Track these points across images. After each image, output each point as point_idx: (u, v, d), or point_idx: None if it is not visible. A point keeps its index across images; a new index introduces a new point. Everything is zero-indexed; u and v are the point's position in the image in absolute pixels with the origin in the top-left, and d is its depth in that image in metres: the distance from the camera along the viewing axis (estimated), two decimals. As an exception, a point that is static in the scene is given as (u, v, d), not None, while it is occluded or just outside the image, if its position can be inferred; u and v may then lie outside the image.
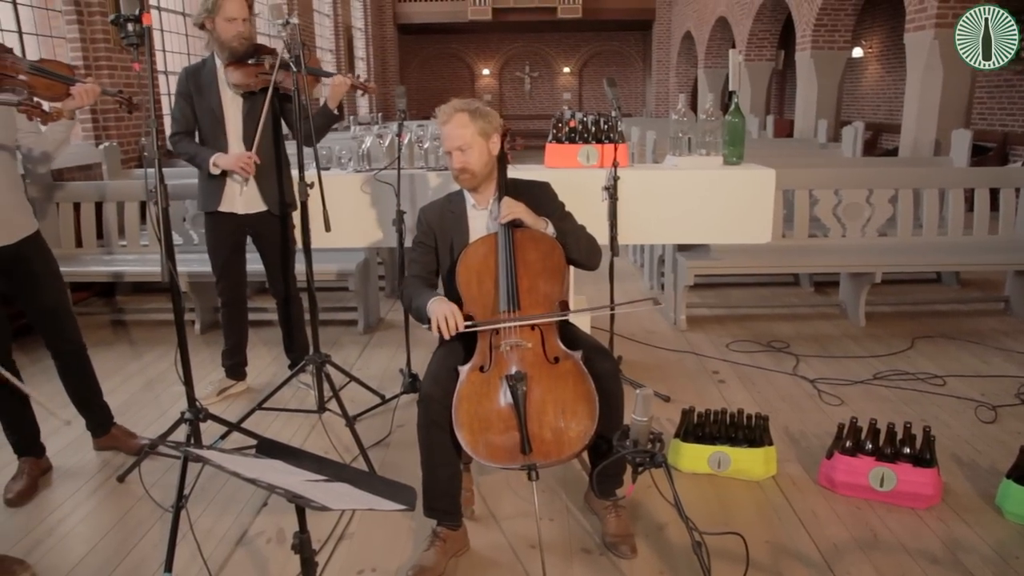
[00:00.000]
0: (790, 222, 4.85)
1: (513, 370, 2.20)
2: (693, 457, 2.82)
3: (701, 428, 2.84)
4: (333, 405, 3.13)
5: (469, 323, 2.31)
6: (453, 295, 2.46)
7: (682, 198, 3.69)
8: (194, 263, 4.37)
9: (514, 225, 2.42)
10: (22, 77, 2.45)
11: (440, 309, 2.29)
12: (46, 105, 2.29)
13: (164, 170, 2.42)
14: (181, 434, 2.77)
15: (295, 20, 2.73)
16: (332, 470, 1.69)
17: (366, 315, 4.61)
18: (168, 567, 2.28)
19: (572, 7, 19.56)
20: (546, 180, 2.63)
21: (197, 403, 2.63)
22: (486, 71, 23.02)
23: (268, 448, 1.75)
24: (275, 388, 3.32)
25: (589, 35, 22.38)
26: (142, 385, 3.89)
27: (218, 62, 3.21)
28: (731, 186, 3.68)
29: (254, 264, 3.61)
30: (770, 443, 2.82)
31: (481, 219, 2.55)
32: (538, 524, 2.36)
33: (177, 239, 4.79)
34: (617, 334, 3.80)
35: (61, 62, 2.44)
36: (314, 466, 1.69)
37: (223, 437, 3.05)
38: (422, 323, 2.39)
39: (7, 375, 2.35)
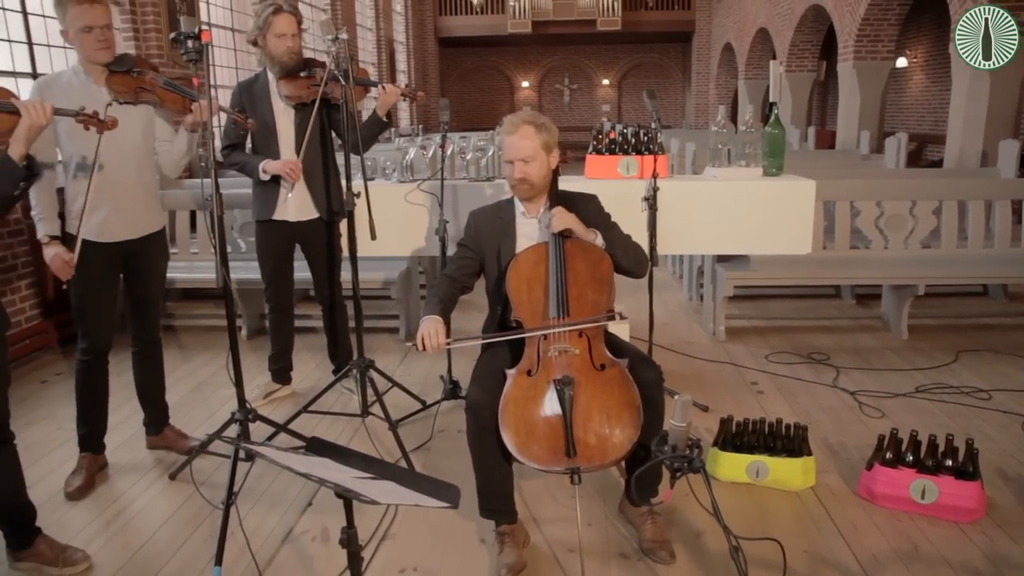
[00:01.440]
0: (831, 234, 4.82)
1: (561, 375, 2.25)
2: (731, 466, 2.83)
3: (739, 437, 2.85)
4: (375, 409, 3.21)
5: (450, 340, 2.42)
6: (501, 299, 2.53)
7: (721, 209, 3.71)
8: (241, 271, 4.49)
9: (564, 235, 2.48)
10: (157, 91, 2.74)
11: (426, 327, 2.39)
12: (102, 115, 2.44)
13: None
14: (231, 434, 2.88)
15: (344, 36, 2.83)
16: (378, 468, 1.75)
17: (407, 323, 4.70)
18: (218, 561, 2.37)
19: (611, 19, 19.63)
20: (593, 193, 2.68)
21: (247, 404, 2.72)
22: (525, 83, 23.17)
23: (317, 446, 1.82)
24: (320, 392, 3.41)
25: (628, 47, 22.40)
26: (191, 388, 4.02)
27: (270, 76, 3.34)
28: (770, 197, 3.69)
29: (299, 272, 3.71)
30: (809, 453, 2.81)
31: (530, 227, 2.62)
32: (579, 528, 2.40)
33: (225, 247, 4.92)
34: (656, 344, 3.82)
35: (190, 80, 2.68)
36: (361, 464, 1.76)
37: (271, 438, 3.14)
38: None
39: None
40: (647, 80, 22.70)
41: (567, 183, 3.16)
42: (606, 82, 23.10)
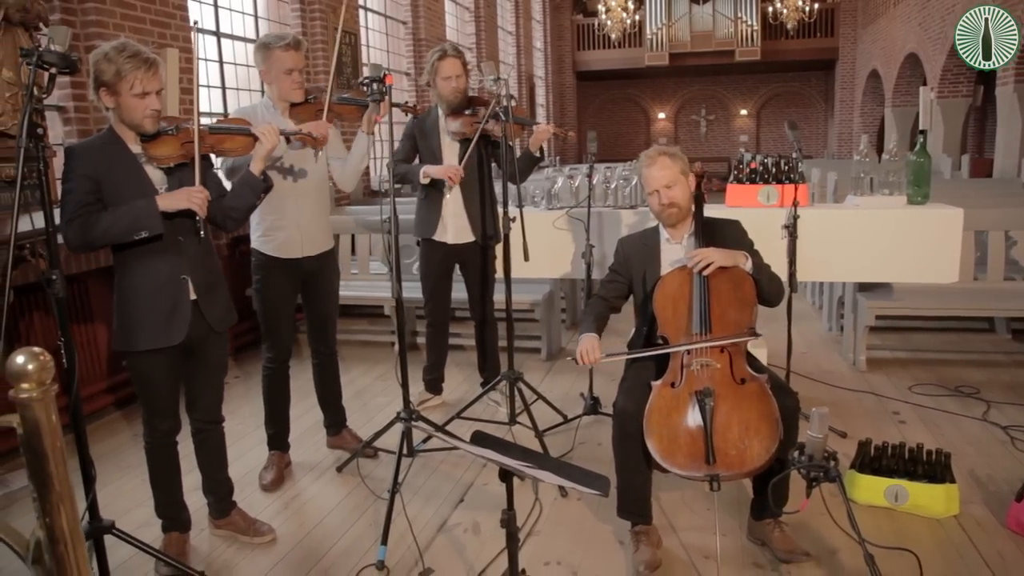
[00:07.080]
0: (983, 265, 4.67)
1: (702, 387, 2.41)
2: (869, 488, 2.85)
3: (878, 460, 2.87)
4: (522, 419, 3.45)
5: (603, 356, 2.63)
6: (647, 318, 2.74)
7: (863, 237, 3.73)
8: (397, 290, 4.89)
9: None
10: (335, 108, 3.08)
11: (585, 344, 2.65)
12: (315, 133, 2.86)
13: (373, 206, 2.89)
14: (391, 435, 3.21)
15: (505, 76, 3.15)
16: (536, 459, 1.99)
17: (549, 343, 4.94)
18: (384, 540, 2.67)
19: (750, 49, 19.38)
20: (736, 219, 2.85)
21: (411, 405, 3.03)
22: (662, 115, 23.20)
23: (480, 439, 2.08)
24: (471, 401, 3.71)
25: (768, 76, 21.98)
26: (350, 396, 4.40)
27: (440, 112, 3.72)
28: (915, 225, 3.67)
29: (455, 293, 4.03)
30: (952, 481, 2.79)
31: (674, 252, 2.82)
32: (717, 534, 2.52)
33: (382, 268, 5.36)
34: (793, 371, 3.85)
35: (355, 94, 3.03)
36: (520, 455, 2.00)
37: (428, 439, 3.44)
38: None
39: None
40: (787, 109, 22.16)
41: (709, 210, 3.32)
42: (744, 112, 22.74)
